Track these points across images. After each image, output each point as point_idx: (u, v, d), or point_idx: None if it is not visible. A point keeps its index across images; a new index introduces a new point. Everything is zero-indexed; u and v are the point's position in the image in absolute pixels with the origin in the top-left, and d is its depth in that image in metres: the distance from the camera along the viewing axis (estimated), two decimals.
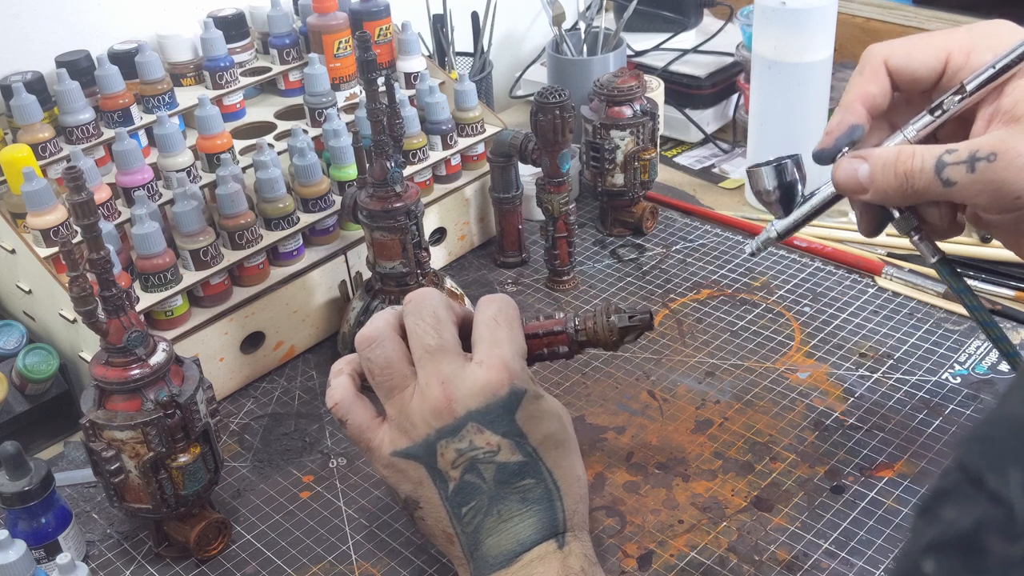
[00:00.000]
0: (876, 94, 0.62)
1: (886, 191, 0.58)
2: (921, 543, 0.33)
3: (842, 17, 1.02)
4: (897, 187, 0.58)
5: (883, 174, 0.58)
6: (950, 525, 0.33)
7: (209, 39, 0.96)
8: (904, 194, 0.58)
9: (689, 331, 0.91)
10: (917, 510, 0.35)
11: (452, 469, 0.59)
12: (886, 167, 0.58)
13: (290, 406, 0.86)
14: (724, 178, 1.17)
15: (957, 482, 0.33)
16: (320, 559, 0.71)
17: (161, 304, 0.81)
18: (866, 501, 0.71)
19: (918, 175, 0.56)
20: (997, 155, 0.54)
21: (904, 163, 0.57)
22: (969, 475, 0.33)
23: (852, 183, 0.60)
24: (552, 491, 0.59)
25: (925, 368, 0.84)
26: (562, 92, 0.90)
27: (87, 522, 0.75)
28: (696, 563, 0.68)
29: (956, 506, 0.33)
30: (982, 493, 0.32)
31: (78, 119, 0.87)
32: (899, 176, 0.57)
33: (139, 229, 0.79)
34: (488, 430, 0.58)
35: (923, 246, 0.62)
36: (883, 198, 0.59)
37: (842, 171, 0.60)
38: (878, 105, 0.62)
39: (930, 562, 0.33)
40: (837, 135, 0.61)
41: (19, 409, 0.81)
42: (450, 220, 1.02)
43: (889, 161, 0.58)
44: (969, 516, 0.32)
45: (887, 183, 0.58)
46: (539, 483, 0.59)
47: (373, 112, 0.78)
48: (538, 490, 0.59)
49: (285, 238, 0.88)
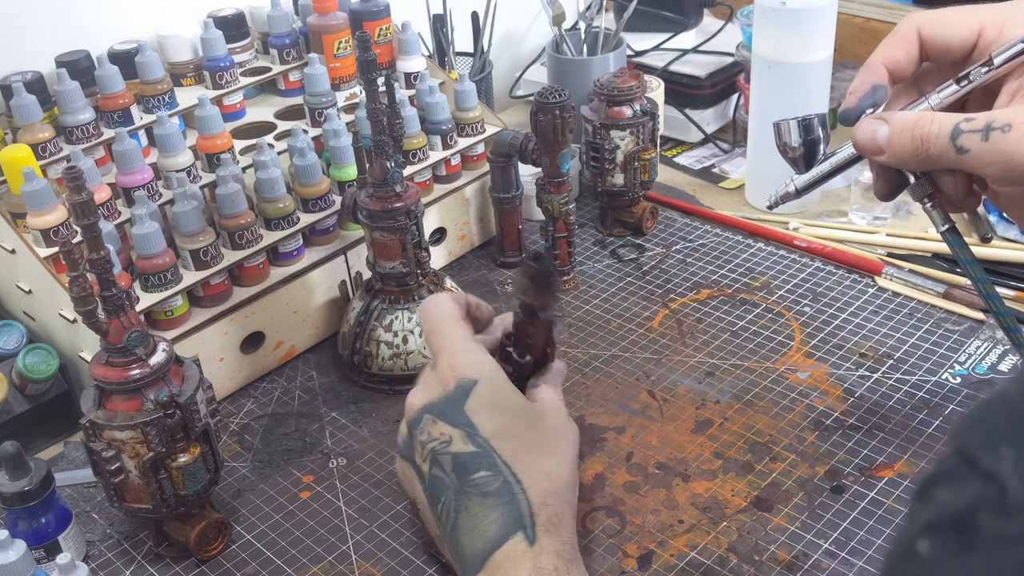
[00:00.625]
0: (900, 58, 0.63)
1: (902, 154, 0.59)
2: (916, 525, 0.34)
3: (842, 17, 1.02)
4: (913, 150, 0.58)
5: (900, 137, 0.59)
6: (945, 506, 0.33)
7: (209, 39, 0.96)
8: (919, 158, 0.59)
9: (689, 331, 0.91)
10: (913, 494, 0.35)
11: (423, 463, 0.62)
12: (904, 130, 0.59)
13: (290, 406, 0.86)
14: (724, 178, 1.17)
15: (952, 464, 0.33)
16: (320, 559, 0.71)
17: (161, 304, 0.81)
18: (866, 501, 0.71)
19: (934, 140, 0.57)
20: (1012, 127, 0.54)
21: (922, 127, 0.58)
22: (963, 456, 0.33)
23: (871, 144, 0.61)
24: (512, 484, 0.59)
25: (925, 368, 0.84)
26: (562, 92, 0.90)
27: (87, 522, 0.75)
28: (696, 563, 0.68)
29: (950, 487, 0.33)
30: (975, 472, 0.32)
31: (78, 119, 0.87)
32: (915, 140, 0.58)
33: (139, 229, 0.79)
34: (441, 421, 0.61)
35: (935, 213, 0.63)
36: (899, 161, 0.60)
37: (862, 131, 0.61)
38: (902, 69, 0.63)
39: (924, 542, 0.33)
40: (860, 95, 0.62)
41: (19, 409, 0.81)
42: (450, 220, 1.02)
43: (908, 124, 0.59)
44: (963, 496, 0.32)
45: (903, 146, 0.59)
46: (496, 475, 0.59)
47: (373, 112, 0.78)
48: (496, 483, 0.59)
49: (285, 238, 0.88)
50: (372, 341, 0.85)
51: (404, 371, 0.85)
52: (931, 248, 0.97)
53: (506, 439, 0.60)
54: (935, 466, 0.35)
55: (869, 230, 1.02)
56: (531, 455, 0.60)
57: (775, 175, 1.06)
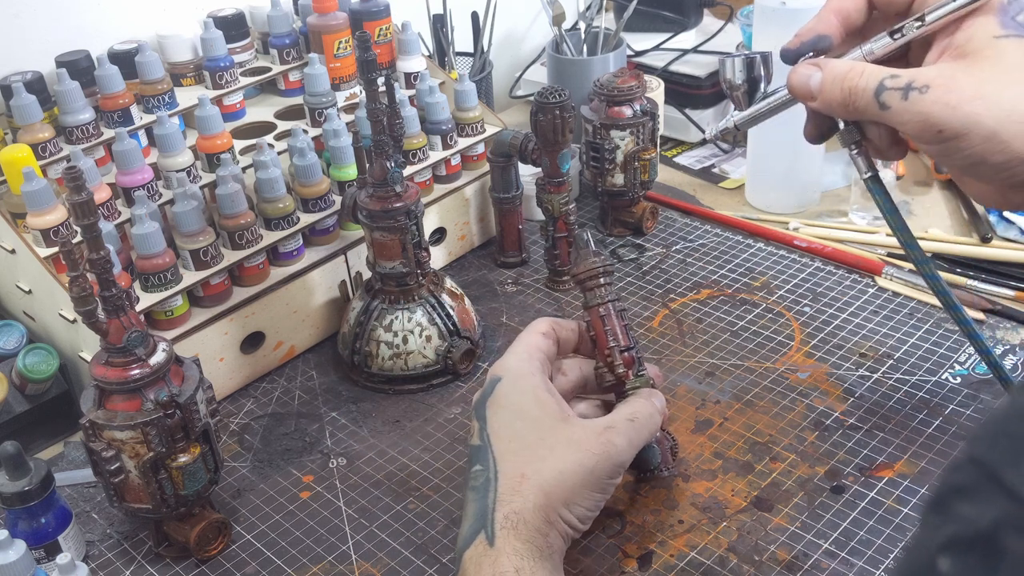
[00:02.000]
0: (851, 9, 0.64)
1: (831, 103, 0.61)
2: (937, 540, 0.33)
3: None
4: (841, 101, 0.60)
5: (831, 86, 0.60)
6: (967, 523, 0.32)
7: (209, 39, 0.96)
8: (846, 109, 0.60)
9: (689, 331, 0.91)
10: (928, 504, 0.35)
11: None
12: (835, 79, 0.60)
13: (290, 406, 0.86)
14: (724, 178, 1.17)
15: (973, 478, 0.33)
16: (320, 559, 0.71)
17: (161, 304, 0.81)
18: (866, 501, 0.71)
19: (860, 93, 0.59)
20: (930, 88, 0.55)
21: (851, 79, 0.59)
22: (985, 471, 0.32)
23: (803, 88, 0.62)
24: (491, 480, 0.60)
25: (925, 368, 0.84)
26: (562, 92, 0.90)
27: (87, 522, 0.75)
28: (696, 563, 0.68)
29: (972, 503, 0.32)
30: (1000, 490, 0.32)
31: (78, 119, 0.87)
32: (844, 91, 0.59)
33: (139, 229, 0.79)
34: (474, 416, 0.65)
35: (859, 160, 0.65)
36: (828, 108, 0.62)
37: (797, 76, 0.63)
38: (852, 21, 0.64)
39: (946, 560, 0.32)
40: (804, 39, 0.64)
41: (19, 409, 0.81)
42: (450, 220, 1.02)
43: (839, 74, 0.60)
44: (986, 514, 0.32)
45: (833, 95, 0.60)
46: (484, 470, 0.61)
47: (373, 112, 0.78)
48: (482, 478, 0.61)
49: (285, 238, 0.88)
50: (372, 341, 0.85)
51: (404, 371, 0.85)
52: (931, 248, 0.97)
53: (503, 437, 0.62)
54: (950, 475, 0.34)
55: (869, 230, 1.02)
56: (518, 456, 0.61)
57: (775, 175, 1.07)
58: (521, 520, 0.58)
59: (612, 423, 0.64)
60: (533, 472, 0.60)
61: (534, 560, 0.57)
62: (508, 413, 0.63)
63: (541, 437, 0.62)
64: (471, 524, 0.59)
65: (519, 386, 0.64)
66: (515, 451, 0.61)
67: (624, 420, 0.64)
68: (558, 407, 0.64)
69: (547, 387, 0.65)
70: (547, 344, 0.68)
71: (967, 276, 0.93)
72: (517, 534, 0.57)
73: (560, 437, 0.62)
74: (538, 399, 0.63)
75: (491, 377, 0.66)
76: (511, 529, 0.58)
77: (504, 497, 0.59)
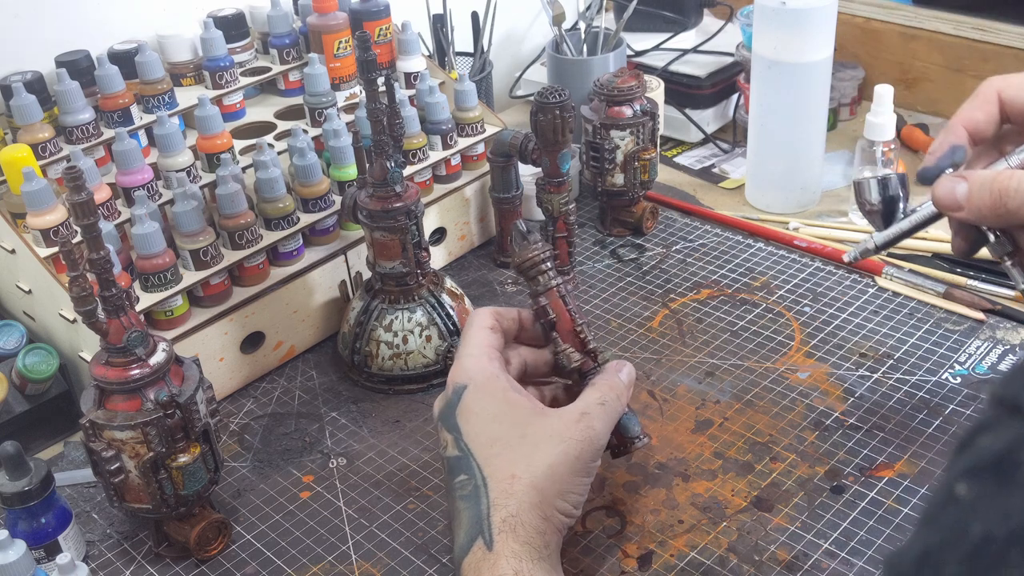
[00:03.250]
0: (980, 119, 0.65)
1: (980, 209, 0.61)
2: (955, 471, 0.34)
3: (842, 17, 1.02)
4: (991, 205, 0.60)
5: (979, 192, 0.61)
6: (985, 450, 0.33)
7: (209, 39, 0.96)
8: (997, 213, 0.60)
9: (689, 331, 0.91)
10: (955, 448, 0.36)
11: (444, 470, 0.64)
12: (983, 185, 0.61)
13: (290, 406, 0.86)
14: (724, 178, 1.17)
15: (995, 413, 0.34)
16: (320, 559, 0.71)
17: (161, 304, 0.81)
18: (866, 501, 0.71)
19: (1012, 195, 0.59)
20: None
21: (1001, 182, 0.60)
22: (1006, 405, 0.34)
23: (949, 200, 0.63)
24: (480, 487, 0.60)
25: (925, 368, 0.84)
26: (562, 92, 0.90)
27: (87, 522, 0.75)
28: (696, 563, 0.68)
29: (991, 434, 0.34)
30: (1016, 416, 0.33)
31: (78, 119, 0.87)
32: (994, 194, 0.60)
33: (139, 229, 0.79)
34: (443, 428, 0.64)
35: (1015, 271, 0.65)
36: (978, 216, 0.62)
37: (941, 188, 0.63)
38: (981, 131, 0.65)
39: (962, 485, 0.33)
40: (939, 155, 0.65)
41: (19, 409, 0.81)
42: (450, 220, 1.02)
43: (987, 180, 0.61)
44: (1003, 438, 0.33)
45: (982, 201, 0.61)
46: (471, 479, 0.61)
47: (373, 112, 0.78)
48: (470, 486, 0.60)
49: (285, 238, 0.88)
50: (372, 341, 0.85)
51: (404, 371, 0.85)
52: (931, 248, 0.97)
53: (482, 442, 0.62)
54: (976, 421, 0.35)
55: (869, 230, 1.02)
56: (502, 458, 0.61)
57: (775, 175, 1.07)
58: (519, 522, 0.58)
59: (586, 408, 0.64)
60: (523, 471, 0.60)
61: (532, 562, 0.57)
62: (482, 419, 0.63)
63: (522, 435, 0.62)
64: (467, 532, 0.59)
65: (488, 389, 0.64)
66: (498, 454, 0.61)
67: (596, 404, 0.64)
68: (529, 403, 0.64)
69: (513, 385, 0.65)
70: (497, 339, 0.68)
71: (967, 276, 0.93)
72: (515, 536, 0.58)
73: (541, 432, 0.62)
74: (508, 400, 0.63)
75: (454, 385, 0.65)
76: (509, 532, 0.58)
77: (499, 501, 0.59)
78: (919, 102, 1.26)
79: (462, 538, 0.59)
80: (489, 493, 0.59)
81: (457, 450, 0.62)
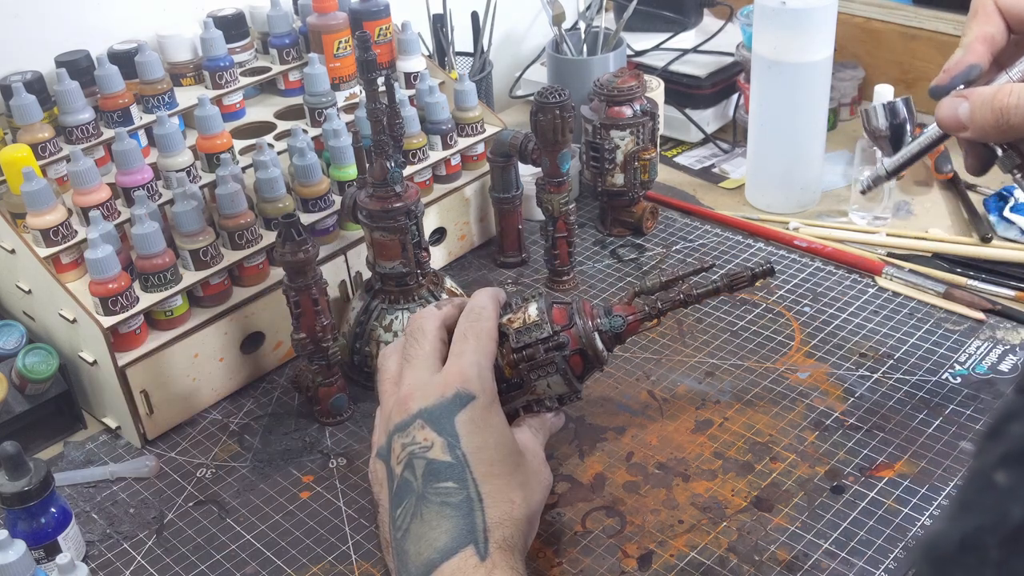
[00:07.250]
0: (995, 33, 0.64)
1: (984, 127, 0.61)
2: (991, 459, 0.35)
3: (842, 17, 1.02)
4: (994, 122, 0.60)
5: (981, 110, 0.60)
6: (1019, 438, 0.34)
7: (209, 39, 0.96)
8: (1000, 129, 0.60)
9: (689, 331, 0.91)
10: (984, 435, 0.37)
11: (397, 465, 0.62)
12: (984, 103, 0.60)
13: (290, 406, 0.86)
14: (724, 178, 1.17)
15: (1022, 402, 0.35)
16: (320, 559, 0.71)
17: (161, 304, 0.81)
18: (866, 501, 0.71)
19: (1013, 110, 0.59)
20: None
21: (1001, 99, 0.59)
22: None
23: (952, 120, 0.62)
24: (473, 501, 0.59)
25: (925, 368, 0.84)
26: (562, 92, 0.90)
27: (87, 522, 0.75)
28: (696, 563, 0.68)
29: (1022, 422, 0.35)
30: None
31: (78, 119, 0.87)
32: (995, 111, 0.59)
33: (139, 229, 0.79)
34: (429, 427, 0.62)
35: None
36: (982, 134, 0.61)
37: (944, 109, 0.63)
38: (998, 44, 0.64)
39: (1001, 473, 0.34)
40: (954, 73, 0.64)
41: (19, 409, 0.81)
42: (450, 220, 1.02)
43: (987, 98, 0.60)
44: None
45: (984, 119, 0.60)
46: (461, 489, 0.59)
47: (373, 112, 0.78)
48: (458, 496, 0.59)
49: None
50: (372, 341, 0.85)
51: None
52: (931, 248, 0.97)
53: (483, 460, 0.61)
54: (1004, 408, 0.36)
55: (869, 230, 1.02)
56: (501, 480, 0.61)
57: (775, 175, 1.07)
58: (515, 546, 0.59)
59: (541, 455, 0.67)
60: (521, 500, 0.61)
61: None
62: (485, 437, 0.62)
63: (517, 465, 0.63)
64: (452, 537, 0.58)
65: (494, 411, 0.63)
66: (498, 475, 0.61)
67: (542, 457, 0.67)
68: (515, 439, 0.64)
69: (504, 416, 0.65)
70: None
71: (967, 276, 0.93)
72: (512, 557, 0.58)
73: (527, 470, 0.63)
74: (505, 430, 0.64)
75: (458, 391, 0.62)
76: (508, 551, 0.58)
77: (501, 520, 0.59)
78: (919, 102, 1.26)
79: (443, 543, 0.57)
80: (486, 510, 0.59)
81: (449, 456, 0.60)
